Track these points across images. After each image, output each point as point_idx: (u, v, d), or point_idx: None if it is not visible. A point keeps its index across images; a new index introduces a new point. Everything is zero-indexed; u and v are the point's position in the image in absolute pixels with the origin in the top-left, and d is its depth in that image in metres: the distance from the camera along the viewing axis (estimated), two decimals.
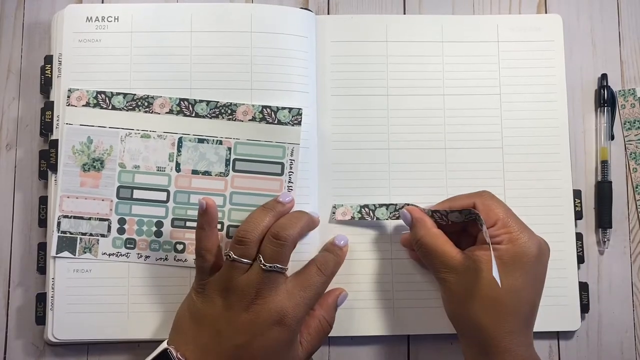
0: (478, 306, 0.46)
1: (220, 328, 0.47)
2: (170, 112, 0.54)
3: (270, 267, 0.47)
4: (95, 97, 0.53)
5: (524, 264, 0.46)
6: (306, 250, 0.53)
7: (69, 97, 0.53)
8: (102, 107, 0.53)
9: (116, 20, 0.55)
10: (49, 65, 0.55)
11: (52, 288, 0.52)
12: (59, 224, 0.53)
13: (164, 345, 0.47)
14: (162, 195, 0.53)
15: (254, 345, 0.46)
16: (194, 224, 0.51)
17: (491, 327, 0.45)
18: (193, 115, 0.54)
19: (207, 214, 0.48)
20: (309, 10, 0.57)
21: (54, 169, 0.53)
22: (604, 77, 0.58)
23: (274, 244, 0.47)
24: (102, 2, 0.58)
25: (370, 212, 0.55)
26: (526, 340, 0.46)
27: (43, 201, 0.54)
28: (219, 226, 0.52)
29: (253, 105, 0.53)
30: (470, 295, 0.46)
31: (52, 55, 0.55)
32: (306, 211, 0.52)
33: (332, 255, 0.51)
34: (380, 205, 0.54)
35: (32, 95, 0.57)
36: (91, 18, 0.55)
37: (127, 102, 0.54)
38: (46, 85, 0.55)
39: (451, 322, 0.49)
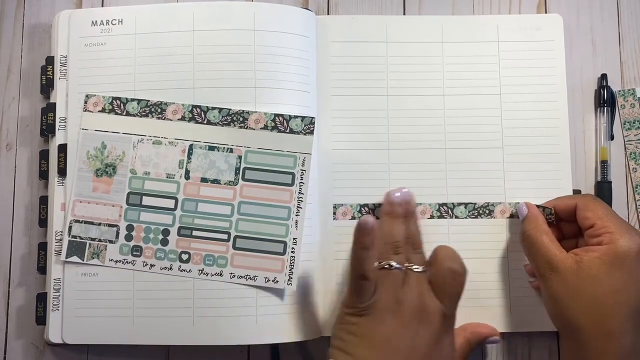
0: (577, 306, 0.46)
1: (397, 344, 0.44)
2: (183, 118, 0.53)
3: (423, 269, 0.47)
4: (111, 103, 0.53)
5: (625, 264, 0.46)
6: (307, 250, 0.53)
7: (85, 102, 0.53)
8: (116, 113, 0.53)
9: (120, 22, 0.55)
10: (51, 66, 0.55)
11: (55, 289, 0.52)
12: (70, 228, 0.53)
13: None
14: (170, 203, 0.53)
15: (435, 355, 0.45)
16: (201, 234, 0.51)
17: (590, 327, 0.45)
18: (205, 122, 0.53)
19: (372, 233, 0.45)
20: (309, 10, 0.57)
21: (63, 173, 0.53)
22: (603, 77, 0.58)
23: (417, 251, 0.48)
24: (102, 5, 0.58)
25: (370, 211, 0.55)
26: (630, 341, 0.45)
27: (43, 201, 0.54)
28: (225, 236, 0.52)
29: (265, 114, 0.53)
30: (570, 295, 0.46)
31: (53, 57, 0.55)
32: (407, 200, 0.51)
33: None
34: (380, 204, 0.55)
35: (33, 95, 0.57)
36: (96, 22, 0.55)
37: (141, 108, 0.53)
38: (47, 86, 0.55)
39: (552, 322, 0.49)
